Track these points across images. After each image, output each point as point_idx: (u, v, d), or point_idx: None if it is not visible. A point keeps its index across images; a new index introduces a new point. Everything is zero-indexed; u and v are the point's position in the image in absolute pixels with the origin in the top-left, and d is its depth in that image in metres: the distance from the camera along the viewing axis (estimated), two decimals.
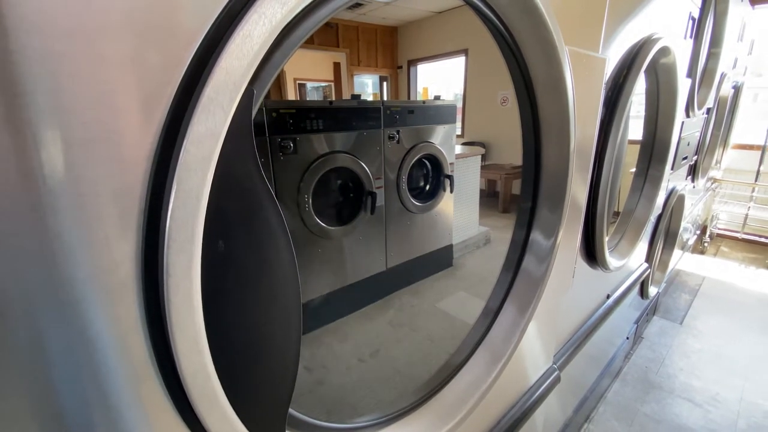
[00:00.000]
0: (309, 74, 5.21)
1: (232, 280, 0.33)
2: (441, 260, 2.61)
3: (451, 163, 2.42)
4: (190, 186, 0.27)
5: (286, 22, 0.30)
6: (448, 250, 2.64)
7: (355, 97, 2.80)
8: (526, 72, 0.65)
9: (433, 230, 2.52)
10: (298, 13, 0.31)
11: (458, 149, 2.78)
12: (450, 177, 2.41)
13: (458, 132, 4.61)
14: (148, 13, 0.25)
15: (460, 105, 4.50)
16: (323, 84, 5.38)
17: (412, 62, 5.27)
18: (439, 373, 0.67)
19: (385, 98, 5.46)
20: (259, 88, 0.31)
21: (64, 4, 0.22)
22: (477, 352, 0.71)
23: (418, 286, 2.46)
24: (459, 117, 4.46)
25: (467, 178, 2.78)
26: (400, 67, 5.42)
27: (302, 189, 1.68)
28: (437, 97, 2.54)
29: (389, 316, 2.18)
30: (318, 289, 1.91)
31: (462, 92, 4.55)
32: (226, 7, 0.28)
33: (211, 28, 0.28)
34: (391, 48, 5.44)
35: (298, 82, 5.09)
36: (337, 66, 5.18)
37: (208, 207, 0.29)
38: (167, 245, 0.27)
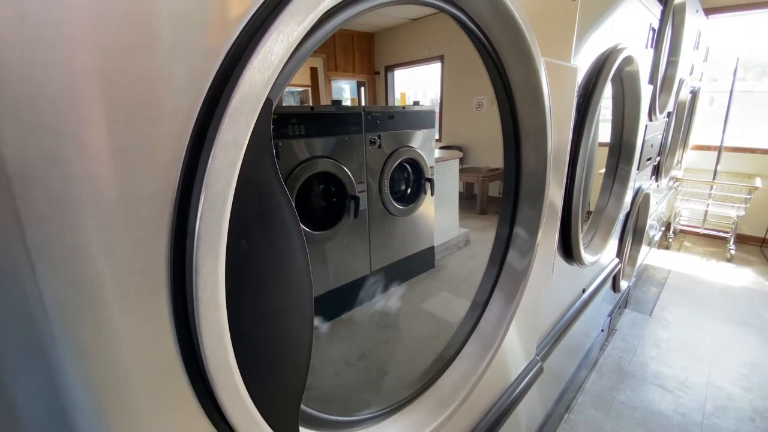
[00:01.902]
0: None
1: (252, 276, 0.35)
2: (424, 262, 2.65)
3: (431, 167, 2.47)
4: (218, 189, 0.29)
5: (300, 38, 0.33)
6: (430, 251, 2.69)
7: (336, 102, 2.81)
8: (507, 81, 0.70)
9: (416, 232, 2.56)
10: (310, 30, 0.34)
11: (437, 153, 2.85)
12: (430, 180, 2.46)
13: (436, 136, 4.71)
14: (175, 34, 0.27)
15: (437, 110, 4.60)
16: (299, 89, 5.35)
17: (389, 68, 5.34)
18: (434, 364, 0.71)
19: (363, 103, 5.50)
20: (274, 97, 0.34)
21: (109, 28, 0.24)
22: (468, 342, 0.75)
23: (403, 287, 2.49)
24: (437, 121, 4.55)
25: (446, 181, 2.84)
26: (378, 73, 5.48)
27: None
28: (416, 103, 2.60)
29: (375, 319, 2.20)
30: None
31: (439, 97, 4.65)
32: (246, 25, 0.31)
33: (233, 45, 0.30)
34: (368, 54, 5.49)
35: None
36: (314, 71, 5.17)
37: (231, 208, 0.31)
38: (197, 245, 0.29)
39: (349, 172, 1.98)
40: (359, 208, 2.04)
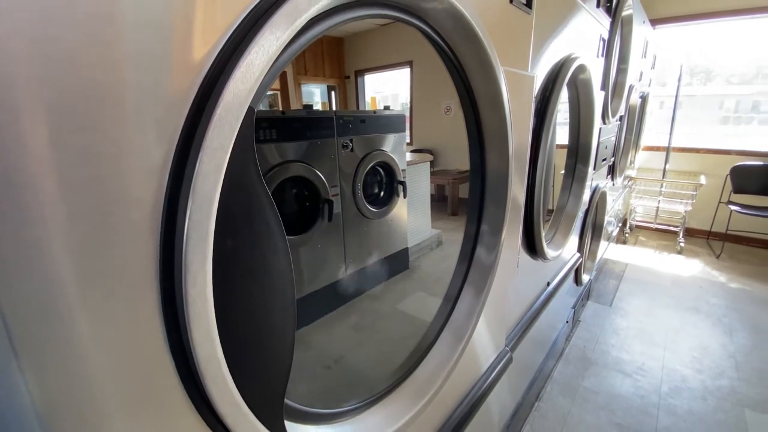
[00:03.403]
0: None
1: (238, 273, 0.37)
2: (398, 263, 2.70)
3: (403, 170, 2.52)
4: (205, 192, 0.32)
5: (279, 51, 0.36)
6: (404, 253, 2.74)
7: (307, 107, 2.82)
8: (470, 89, 0.76)
9: (390, 235, 2.60)
10: (288, 43, 0.37)
11: (409, 156, 2.91)
12: (403, 183, 2.51)
13: (408, 140, 4.79)
14: (161, 48, 0.30)
15: (408, 114, 4.68)
16: (269, 93, 5.29)
17: (359, 72, 5.38)
18: (411, 356, 0.74)
19: (334, 108, 5.51)
20: (255, 105, 0.36)
21: (96, 41, 0.26)
22: (442, 334, 0.79)
23: (378, 290, 2.51)
24: (408, 125, 4.64)
25: (418, 183, 2.91)
26: (348, 77, 5.51)
27: None
28: (387, 107, 2.65)
29: (351, 321, 2.21)
30: None
31: (409, 102, 4.73)
32: (228, 40, 0.34)
33: (216, 58, 0.33)
34: (338, 58, 5.51)
35: None
36: (283, 75, 5.12)
37: (218, 209, 0.33)
38: (186, 243, 0.31)
39: (322, 176, 1.99)
40: (333, 212, 2.06)
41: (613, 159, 2.36)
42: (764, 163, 3.35)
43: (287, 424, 0.49)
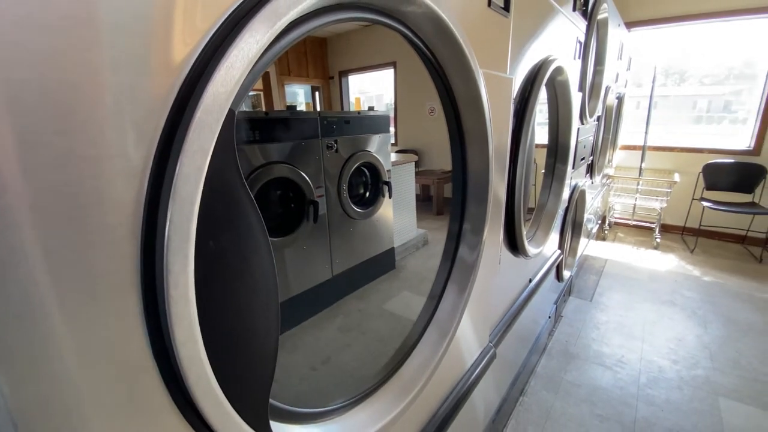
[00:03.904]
0: None
1: (220, 274, 0.37)
2: (384, 263, 2.71)
3: (388, 170, 2.54)
4: (186, 194, 0.32)
5: (260, 54, 0.36)
6: (391, 253, 2.76)
7: (291, 107, 2.80)
8: (450, 91, 0.77)
9: (376, 235, 2.61)
10: (269, 45, 0.38)
11: (394, 157, 2.92)
12: (388, 183, 2.53)
13: (393, 140, 4.82)
14: (141, 51, 0.30)
15: (393, 114, 4.71)
16: (252, 93, 5.23)
17: (343, 73, 5.37)
18: (396, 354, 0.75)
19: (318, 108, 5.49)
20: (236, 107, 0.37)
21: (74, 44, 0.27)
22: (427, 331, 0.81)
23: (365, 290, 2.52)
24: (392, 126, 4.66)
25: (403, 183, 2.93)
26: (332, 78, 5.50)
27: None
28: (371, 108, 2.66)
29: (338, 322, 2.21)
30: None
31: (393, 102, 4.76)
32: (208, 43, 0.34)
33: (196, 60, 0.33)
34: (322, 59, 5.48)
35: None
36: (266, 76, 5.07)
37: (199, 211, 0.34)
38: (167, 245, 0.32)
39: (306, 177, 1.98)
40: (318, 213, 2.05)
41: (591, 158, 2.43)
42: (734, 161, 3.50)
43: (273, 424, 0.49)
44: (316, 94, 5.61)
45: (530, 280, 1.57)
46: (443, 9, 0.61)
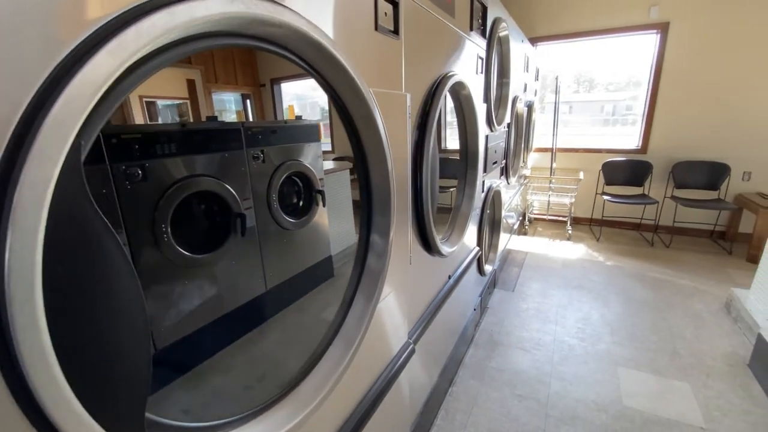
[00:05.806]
0: (159, 91, 4.70)
1: (78, 300, 0.38)
2: (322, 272, 2.71)
3: (321, 179, 2.55)
4: (27, 223, 0.33)
5: (106, 86, 0.38)
6: (328, 261, 2.76)
7: (212, 118, 2.71)
8: (346, 111, 0.83)
9: (312, 244, 2.60)
10: (124, 73, 0.40)
11: (330, 165, 2.94)
12: (321, 192, 2.54)
13: (329, 148, 4.83)
14: None
15: (329, 122, 4.71)
16: (178, 102, 4.94)
17: (275, 80, 5.28)
18: (300, 369, 0.78)
19: (250, 117, 5.33)
20: (86, 138, 0.38)
21: None
22: (334, 342, 0.84)
23: (302, 301, 2.50)
24: (329, 133, 4.67)
25: (340, 191, 2.95)
26: (263, 85, 5.37)
27: (158, 219, 1.58)
28: (299, 117, 2.66)
29: (274, 337, 2.17)
30: (192, 324, 1.80)
31: (328, 109, 4.77)
32: (49, 76, 0.35)
33: (35, 94, 0.34)
34: (251, 66, 5.33)
35: (145, 100, 4.56)
36: (191, 83, 4.81)
37: (47, 240, 0.35)
38: (7, 274, 0.32)
39: (231, 190, 1.94)
40: (246, 226, 2.01)
41: (504, 161, 2.66)
42: (626, 159, 4.03)
43: None
44: (247, 102, 5.44)
45: (449, 277, 1.69)
46: (320, 32, 0.67)
